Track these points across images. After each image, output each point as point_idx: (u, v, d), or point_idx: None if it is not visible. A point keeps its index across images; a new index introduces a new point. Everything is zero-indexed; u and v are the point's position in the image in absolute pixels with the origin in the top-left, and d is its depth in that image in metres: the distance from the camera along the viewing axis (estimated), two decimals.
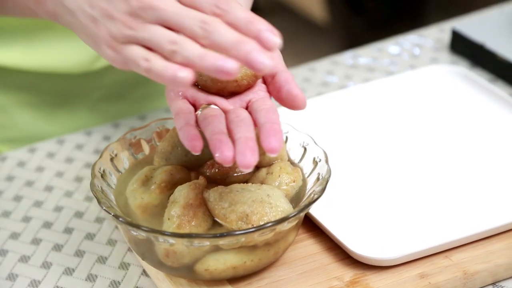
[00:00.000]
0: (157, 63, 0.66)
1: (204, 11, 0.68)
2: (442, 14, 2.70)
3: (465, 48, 1.14)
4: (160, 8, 0.68)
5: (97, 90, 1.06)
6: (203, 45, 0.67)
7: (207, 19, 0.67)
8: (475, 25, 1.15)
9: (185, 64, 0.66)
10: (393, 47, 1.18)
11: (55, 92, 1.04)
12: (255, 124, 0.72)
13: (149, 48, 0.68)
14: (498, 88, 1.04)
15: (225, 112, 0.75)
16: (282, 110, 0.76)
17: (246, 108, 0.76)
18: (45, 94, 1.04)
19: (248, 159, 0.68)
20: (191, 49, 0.66)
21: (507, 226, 0.82)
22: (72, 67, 1.01)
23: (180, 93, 0.76)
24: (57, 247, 0.86)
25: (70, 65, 1.01)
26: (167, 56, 0.67)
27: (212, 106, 0.75)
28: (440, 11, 2.81)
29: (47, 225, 0.88)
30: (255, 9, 0.84)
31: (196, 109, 0.76)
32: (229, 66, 0.64)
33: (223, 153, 0.69)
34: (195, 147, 0.70)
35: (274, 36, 0.66)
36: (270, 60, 0.65)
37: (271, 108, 0.73)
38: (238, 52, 0.65)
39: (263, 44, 0.66)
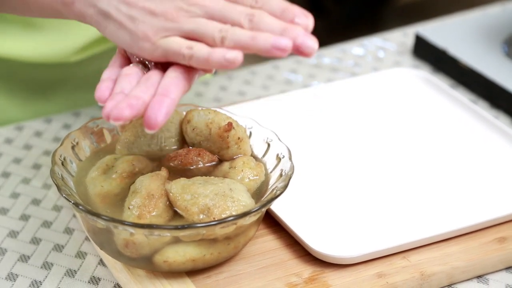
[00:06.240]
0: (201, 50, 0.68)
1: (245, 5, 0.70)
2: (403, 19, 2.72)
3: (427, 53, 1.15)
4: (206, 5, 0.69)
5: (73, 81, 1.05)
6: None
7: (252, 11, 0.69)
8: (438, 31, 1.16)
9: (235, 47, 0.68)
10: (357, 48, 1.19)
11: (30, 80, 1.03)
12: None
13: (192, 39, 0.69)
14: (459, 94, 1.05)
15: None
16: (246, 105, 0.75)
17: None
18: (20, 82, 1.03)
19: (120, 112, 0.67)
20: (241, 33, 0.68)
21: (465, 230, 0.82)
22: (49, 59, 1.00)
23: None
24: (13, 234, 0.84)
25: (46, 57, 1.00)
26: (212, 44, 0.68)
27: (132, 65, 0.73)
28: (401, 16, 2.83)
29: (3, 211, 0.87)
30: None
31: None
32: (284, 43, 0.67)
33: (100, 96, 0.71)
34: (98, 99, 0.72)
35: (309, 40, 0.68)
36: (316, 43, 0.68)
37: (175, 79, 0.70)
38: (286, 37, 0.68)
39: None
